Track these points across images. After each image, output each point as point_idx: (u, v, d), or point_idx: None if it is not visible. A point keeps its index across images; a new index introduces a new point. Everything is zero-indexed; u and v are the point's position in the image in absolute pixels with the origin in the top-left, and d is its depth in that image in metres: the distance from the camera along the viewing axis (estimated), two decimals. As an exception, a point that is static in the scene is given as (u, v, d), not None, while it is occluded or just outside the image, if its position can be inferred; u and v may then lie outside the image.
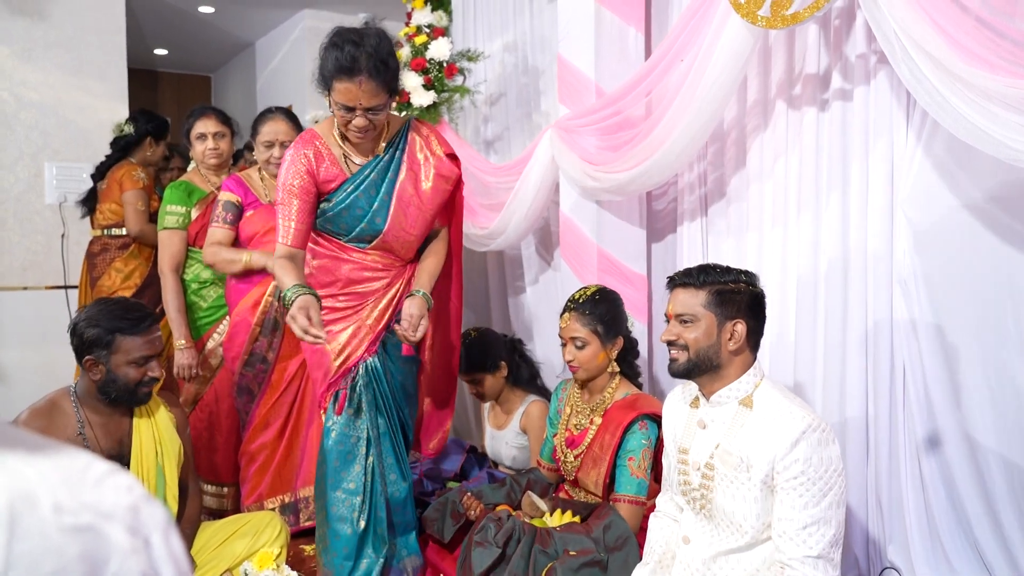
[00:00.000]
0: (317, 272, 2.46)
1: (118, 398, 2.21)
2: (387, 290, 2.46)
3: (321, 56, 2.22)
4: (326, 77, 2.21)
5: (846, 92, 2.43)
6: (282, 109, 3.15)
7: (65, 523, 0.52)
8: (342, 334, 2.44)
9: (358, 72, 2.16)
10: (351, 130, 2.28)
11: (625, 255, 3.09)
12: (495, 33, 3.99)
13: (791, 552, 1.72)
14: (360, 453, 2.41)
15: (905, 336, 2.33)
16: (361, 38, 2.18)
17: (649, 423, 2.36)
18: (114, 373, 2.17)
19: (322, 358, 2.46)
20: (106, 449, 2.23)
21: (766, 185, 2.69)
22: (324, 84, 2.24)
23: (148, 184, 3.81)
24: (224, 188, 3.05)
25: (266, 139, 3.03)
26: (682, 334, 1.89)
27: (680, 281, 1.93)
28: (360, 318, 2.45)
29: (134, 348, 2.17)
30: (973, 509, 2.20)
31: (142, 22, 5.82)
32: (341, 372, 2.44)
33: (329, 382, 2.46)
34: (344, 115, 2.24)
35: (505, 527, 2.22)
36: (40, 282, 4.56)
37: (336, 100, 2.22)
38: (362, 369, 2.44)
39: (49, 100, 4.58)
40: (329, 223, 2.41)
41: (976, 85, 1.80)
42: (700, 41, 2.48)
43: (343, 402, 2.42)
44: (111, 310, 2.20)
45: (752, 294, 1.89)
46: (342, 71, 2.17)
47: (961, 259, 2.20)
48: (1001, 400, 2.14)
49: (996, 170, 2.08)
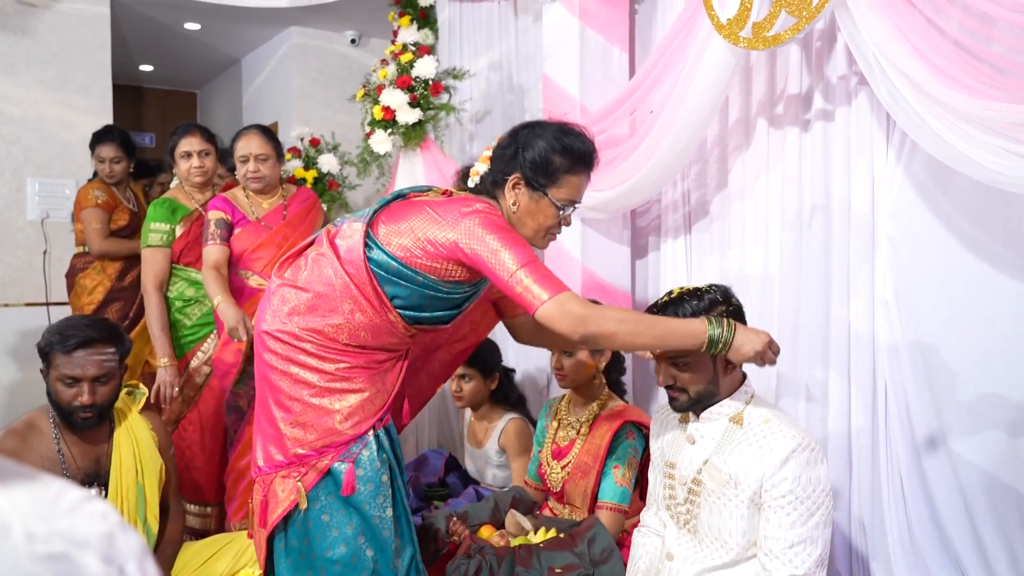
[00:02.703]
0: (357, 330, 1.92)
1: (62, 418, 2.18)
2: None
3: (546, 148, 1.88)
4: (556, 169, 1.88)
5: (827, 112, 2.46)
6: (258, 125, 3.14)
7: (37, 551, 0.51)
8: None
9: (596, 156, 1.94)
10: (552, 234, 1.98)
11: (609, 273, 3.10)
12: (480, 51, 4.01)
13: (777, 571, 1.73)
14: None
15: (886, 353, 2.35)
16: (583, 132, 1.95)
17: (637, 434, 2.39)
18: (51, 388, 2.16)
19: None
20: (83, 468, 2.20)
21: (748, 203, 2.72)
22: (550, 177, 1.89)
23: (107, 200, 3.77)
24: (211, 208, 3.03)
25: (240, 154, 3.04)
26: (678, 377, 1.86)
27: None
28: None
29: (63, 365, 2.14)
30: (954, 525, 2.22)
31: (128, 38, 5.81)
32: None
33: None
34: (561, 214, 1.92)
35: (473, 561, 2.20)
36: (20, 299, 4.51)
37: (573, 194, 1.92)
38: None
39: (32, 116, 4.56)
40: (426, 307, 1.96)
41: (954, 107, 1.83)
42: (683, 61, 2.51)
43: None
44: (62, 324, 2.19)
45: (734, 313, 1.88)
46: (588, 159, 1.91)
47: (940, 276, 2.23)
48: (982, 416, 2.16)
49: (974, 190, 2.11)
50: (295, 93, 5.65)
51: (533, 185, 1.89)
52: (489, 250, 1.77)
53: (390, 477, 1.94)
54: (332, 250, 1.92)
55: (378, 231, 1.91)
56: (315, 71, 5.68)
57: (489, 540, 2.38)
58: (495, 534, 2.45)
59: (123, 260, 3.72)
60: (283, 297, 1.95)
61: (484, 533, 2.46)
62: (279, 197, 3.13)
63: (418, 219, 1.87)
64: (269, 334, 1.94)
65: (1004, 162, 1.77)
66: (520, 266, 1.76)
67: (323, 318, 1.89)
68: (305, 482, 1.89)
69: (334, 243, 1.94)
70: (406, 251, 1.86)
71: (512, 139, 1.94)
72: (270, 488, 1.93)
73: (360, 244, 1.88)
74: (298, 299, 1.92)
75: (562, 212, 1.91)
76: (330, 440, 1.89)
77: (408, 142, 3.83)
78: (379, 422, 1.94)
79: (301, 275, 1.95)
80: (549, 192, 1.88)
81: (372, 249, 1.89)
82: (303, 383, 1.90)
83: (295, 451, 1.90)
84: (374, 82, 3.90)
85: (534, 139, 1.89)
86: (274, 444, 1.93)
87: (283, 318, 1.92)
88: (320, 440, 1.89)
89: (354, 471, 1.89)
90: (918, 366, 2.28)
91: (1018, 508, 2.10)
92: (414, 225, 1.86)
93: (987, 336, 2.14)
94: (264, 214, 3.07)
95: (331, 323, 1.88)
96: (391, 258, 1.87)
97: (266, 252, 2.98)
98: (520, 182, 1.90)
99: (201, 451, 3.14)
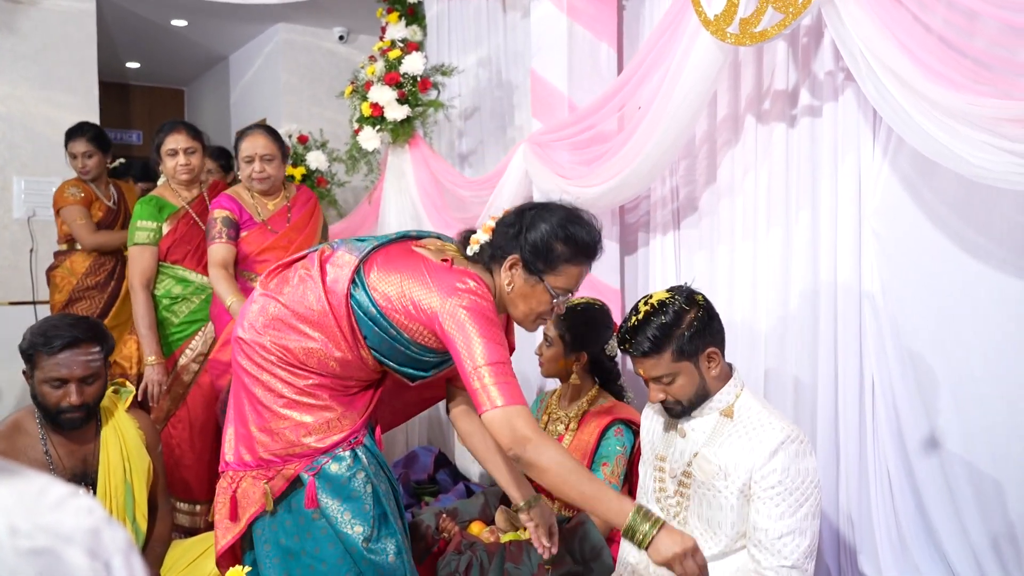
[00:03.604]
0: (330, 360, 1.92)
1: (48, 419, 2.16)
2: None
3: (549, 235, 1.83)
4: (557, 257, 1.83)
5: (814, 108, 2.46)
6: (263, 125, 3.13)
7: (21, 546, 0.51)
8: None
9: (599, 248, 1.91)
10: (543, 319, 1.94)
11: (598, 269, 3.07)
12: (469, 48, 4.01)
13: (766, 561, 1.74)
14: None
15: (873, 347, 2.36)
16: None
17: (625, 430, 2.39)
18: (36, 391, 2.14)
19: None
20: (70, 468, 2.19)
21: (737, 199, 2.73)
22: (549, 264, 1.84)
23: (84, 196, 3.74)
24: (217, 206, 3.00)
25: (245, 155, 3.01)
26: (668, 391, 1.89)
27: (637, 352, 1.87)
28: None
29: (48, 367, 2.11)
30: (940, 517, 2.23)
31: (114, 35, 5.77)
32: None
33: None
34: (555, 301, 1.88)
35: (464, 557, 2.20)
36: (5, 297, 4.48)
37: (570, 284, 1.87)
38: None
39: (17, 113, 4.53)
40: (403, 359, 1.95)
41: (939, 103, 1.84)
42: (671, 57, 2.51)
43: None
44: (44, 325, 2.16)
45: (702, 316, 1.87)
46: (591, 251, 1.88)
47: (926, 271, 2.24)
48: (967, 410, 2.18)
49: (960, 185, 2.12)
50: (283, 90, 5.63)
51: (531, 269, 1.84)
52: (464, 336, 1.73)
53: (373, 497, 1.93)
54: (320, 274, 1.89)
55: (369, 272, 1.88)
56: (303, 68, 5.66)
57: (479, 536, 2.38)
58: (485, 530, 2.46)
59: (92, 259, 3.70)
60: (263, 308, 1.94)
61: (474, 529, 2.46)
62: (283, 198, 3.13)
63: (409, 276, 1.84)
64: (244, 341, 1.94)
65: (989, 157, 1.78)
66: (487, 364, 1.71)
67: (299, 340, 1.88)
68: (273, 487, 1.90)
69: (324, 267, 1.91)
70: (388, 302, 1.84)
71: (517, 217, 1.88)
72: (239, 486, 1.95)
73: (348, 279, 1.86)
74: (277, 313, 1.91)
75: (556, 300, 1.87)
76: (295, 451, 1.90)
77: (396, 139, 3.83)
78: (349, 443, 1.92)
79: (285, 290, 1.94)
80: (546, 279, 1.84)
81: (357, 288, 1.87)
82: (274, 392, 1.91)
83: (261, 455, 1.91)
84: (362, 79, 3.90)
85: (539, 222, 1.84)
86: (243, 444, 1.95)
87: (259, 329, 1.92)
88: (284, 450, 1.90)
89: (315, 483, 1.89)
90: (905, 360, 2.30)
91: (1003, 500, 2.11)
92: (404, 280, 1.84)
93: (973, 331, 2.15)
94: (269, 216, 3.06)
95: (304, 346, 1.88)
96: (372, 303, 1.85)
97: (271, 255, 2.96)
98: (518, 264, 1.85)
99: (190, 449, 3.13)
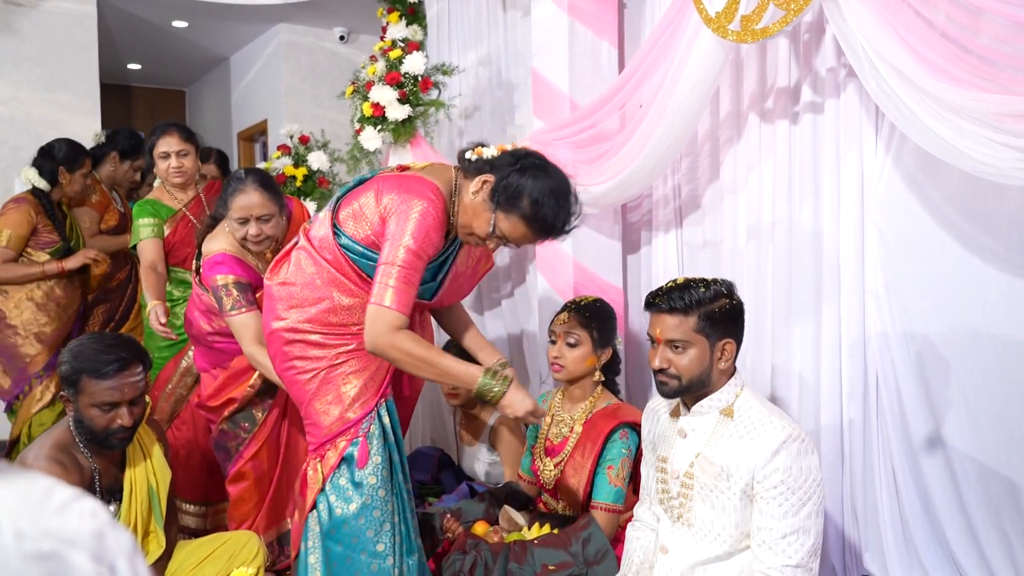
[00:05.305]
0: (347, 311, 2.09)
1: (92, 441, 2.12)
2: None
3: (527, 188, 1.91)
4: (518, 207, 1.92)
5: (817, 105, 2.46)
6: (258, 177, 2.65)
7: (26, 550, 0.51)
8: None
9: (556, 234, 1.98)
10: (472, 239, 2.04)
11: (601, 267, 3.10)
12: (469, 47, 4.00)
13: (770, 561, 1.73)
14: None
15: (878, 344, 2.35)
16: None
17: (630, 432, 2.38)
18: (81, 414, 2.08)
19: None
20: (106, 485, 2.17)
21: (740, 196, 2.72)
22: (508, 207, 1.93)
23: (99, 201, 3.74)
24: (221, 273, 2.61)
25: (239, 215, 2.59)
26: (674, 361, 1.83)
27: (667, 306, 1.83)
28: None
29: (98, 392, 2.05)
30: (946, 515, 2.23)
31: (115, 37, 5.78)
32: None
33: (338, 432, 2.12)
34: (489, 235, 1.98)
35: (468, 557, 2.20)
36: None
37: (511, 235, 1.96)
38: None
39: (19, 115, 4.53)
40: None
41: (942, 99, 1.83)
42: (672, 55, 2.51)
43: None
44: (86, 346, 2.09)
45: (736, 308, 1.88)
46: (546, 229, 1.95)
47: (930, 268, 2.23)
48: (973, 406, 2.17)
49: (963, 181, 2.11)
50: (284, 90, 5.63)
51: (493, 196, 1.95)
52: (398, 232, 1.91)
53: (386, 452, 2.10)
54: (308, 242, 2.09)
55: (339, 216, 2.06)
56: (304, 68, 5.66)
57: (483, 536, 2.38)
58: (489, 530, 2.46)
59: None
60: (276, 295, 2.12)
61: (478, 529, 2.46)
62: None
63: (366, 196, 2.02)
64: (274, 332, 2.11)
65: (993, 153, 1.78)
66: (399, 265, 1.90)
67: (314, 305, 2.06)
68: (324, 467, 2.08)
69: (309, 236, 2.11)
70: (368, 230, 2.00)
71: (521, 157, 1.98)
72: (305, 471, 2.13)
73: (329, 231, 2.05)
74: (288, 294, 2.09)
75: (490, 235, 1.97)
76: (339, 428, 2.07)
77: (398, 138, 3.82)
78: (382, 398, 2.10)
79: (286, 270, 2.12)
80: (497, 213, 1.95)
81: (340, 236, 2.05)
82: (301, 385, 2.09)
83: (315, 440, 2.10)
84: (363, 79, 3.89)
85: (532, 173, 1.93)
86: (308, 431, 2.15)
87: (282, 314, 2.09)
88: (327, 431, 2.08)
89: (366, 445, 2.07)
90: (909, 357, 2.29)
91: (1011, 497, 2.11)
92: (363, 203, 2.01)
93: (977, 326, 2.15)
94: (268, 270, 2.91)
95: (321, 308, 2.06)
96: (353, 242, 2.02)
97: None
98: (489, 184, 1.96)
99: (196, 449, 3.12)
